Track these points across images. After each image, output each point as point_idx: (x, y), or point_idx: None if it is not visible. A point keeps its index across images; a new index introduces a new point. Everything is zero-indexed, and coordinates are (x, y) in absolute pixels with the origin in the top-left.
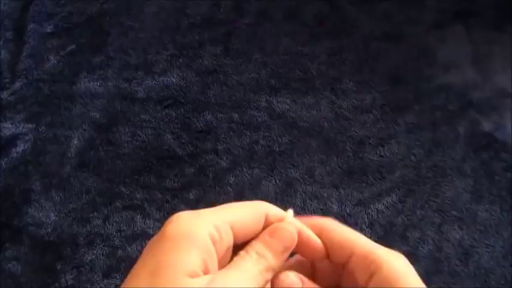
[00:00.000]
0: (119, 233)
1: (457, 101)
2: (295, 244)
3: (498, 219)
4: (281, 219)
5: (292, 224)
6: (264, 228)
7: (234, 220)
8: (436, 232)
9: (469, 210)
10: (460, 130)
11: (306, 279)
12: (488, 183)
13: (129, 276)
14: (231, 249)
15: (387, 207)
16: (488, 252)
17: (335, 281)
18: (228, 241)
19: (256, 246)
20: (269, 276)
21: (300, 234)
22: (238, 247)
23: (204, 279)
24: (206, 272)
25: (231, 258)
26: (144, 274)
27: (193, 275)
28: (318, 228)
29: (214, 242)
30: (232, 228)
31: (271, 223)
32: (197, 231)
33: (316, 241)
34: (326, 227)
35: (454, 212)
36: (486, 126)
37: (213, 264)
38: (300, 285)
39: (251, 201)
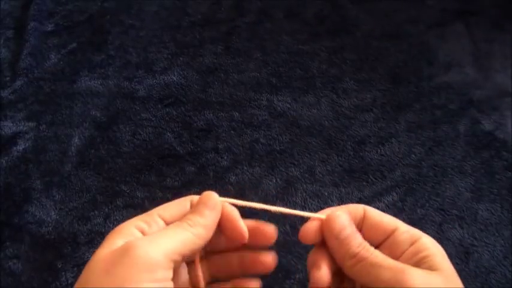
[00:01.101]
0: None
1: (458, 100)
2: (217, 204)
3: (499, 218)
4: None
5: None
6: None
7: (160, 211)
8: (437, 231)
9: (470, 209)
10: (460, 129)
11: (355, 228)
12: (489, 182)
13: None
14: None
15: (388, 206)
16: (489, 251)
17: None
18: (159, 226)
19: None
20: (198, 230)
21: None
22: None
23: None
24: None
25: None
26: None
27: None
28: (361, 209)
29: (142, 231)
30: (160, 216)
31: None
32: (123, 226)
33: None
34: (368, 211)
35: (454, 211)
36: (487, 125)
37: None
38: (349, 230)
39: None
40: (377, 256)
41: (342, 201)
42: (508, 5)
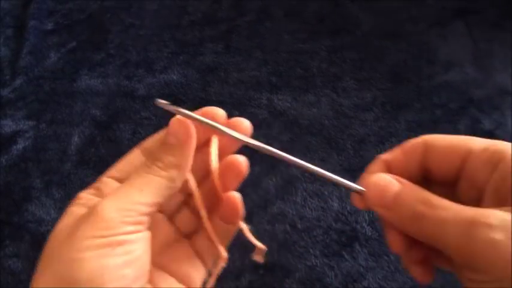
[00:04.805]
0: None
1: (458, 99)
2: (190, 132)
3: None
4: None
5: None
6: None
7: (110, 172)
8: None
9: None
10: (460, 128)
11: (404, 180)
12: None
13: None
14: None
15: None
16: None
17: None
18: (112, 187)
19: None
20: (171, 173)
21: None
22: None
23: None
24: None
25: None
26: None
27: None
28: (420, 144)
29: (99, 196)
30: (112, 178)
31: None
32: (80, 197)
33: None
34: (430, 140)
35: None
36: (487, 124)
37: None
38: (397, 186)
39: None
40: (439, 208)
41: (341, 200)
42: (508, 4)
